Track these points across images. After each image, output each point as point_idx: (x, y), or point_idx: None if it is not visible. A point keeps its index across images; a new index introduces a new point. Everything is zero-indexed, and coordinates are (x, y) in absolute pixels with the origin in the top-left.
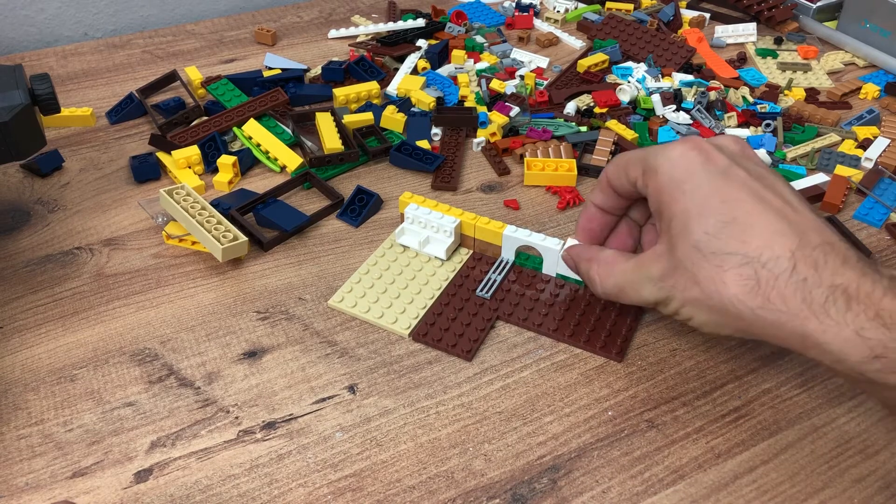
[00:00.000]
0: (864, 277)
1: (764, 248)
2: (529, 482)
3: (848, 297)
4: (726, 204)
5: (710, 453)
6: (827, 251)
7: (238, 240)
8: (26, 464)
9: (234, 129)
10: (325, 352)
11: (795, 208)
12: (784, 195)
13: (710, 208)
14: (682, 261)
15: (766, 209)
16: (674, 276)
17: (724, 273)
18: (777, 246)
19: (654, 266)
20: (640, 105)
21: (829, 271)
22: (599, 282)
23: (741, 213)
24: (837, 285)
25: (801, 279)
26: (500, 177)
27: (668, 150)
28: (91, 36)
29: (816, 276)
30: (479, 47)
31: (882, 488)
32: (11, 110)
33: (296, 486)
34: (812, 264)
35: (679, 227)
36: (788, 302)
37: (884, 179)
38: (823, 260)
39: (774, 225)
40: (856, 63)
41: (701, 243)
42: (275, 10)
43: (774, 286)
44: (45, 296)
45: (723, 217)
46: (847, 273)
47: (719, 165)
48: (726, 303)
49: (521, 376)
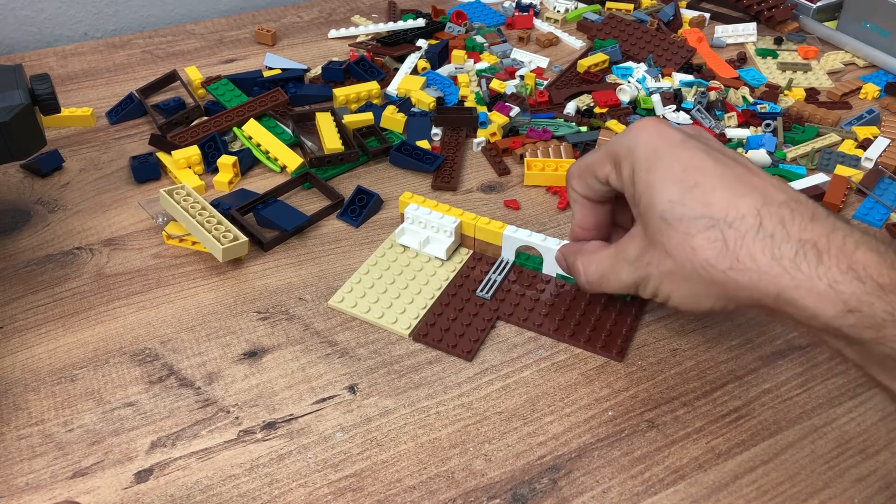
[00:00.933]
0: (834, 232)
1: (729, 209)
2: (530, 482)
3: (819, 251)
4: (687, 171)
5: (710, 453)
6: (793, 207)
7: (238, 240)
8: (27, 464)
9: (234, 129)
10: (325, 352)
11: (756, 173)
12: (744, 162)
13: (671, 177)
14: (654, 235)
15: (728, 173)
16: (648, 252)
17: (692, 239)
18: (742, 205)
19: (630, 246)
20: (640, 105)
21: (797, 227)
22: (583, 271)
23: (702, 178)
24: (807, 240)
25: (768, 235)
26: (500, 177)
27: (627, 136)
28: (91, 36)
29: (784, 232)
30: (479, 47)
31: (882, 488)
32: (11, 110)
33: (296, 486)
34: (779, 220)
35: (646, 201)
36: (758, 260)
37: (884, 179)
38: (790, 216)
39: (737, 187)
40: (856, 63)
41: (667, 212)
42: (275, 10)
43: (742, 245)
44: (46, 296)
45: (685, 183)
46: (816, 228)
47: (677, 137)
48: (698, 268)
49: (522, 376)
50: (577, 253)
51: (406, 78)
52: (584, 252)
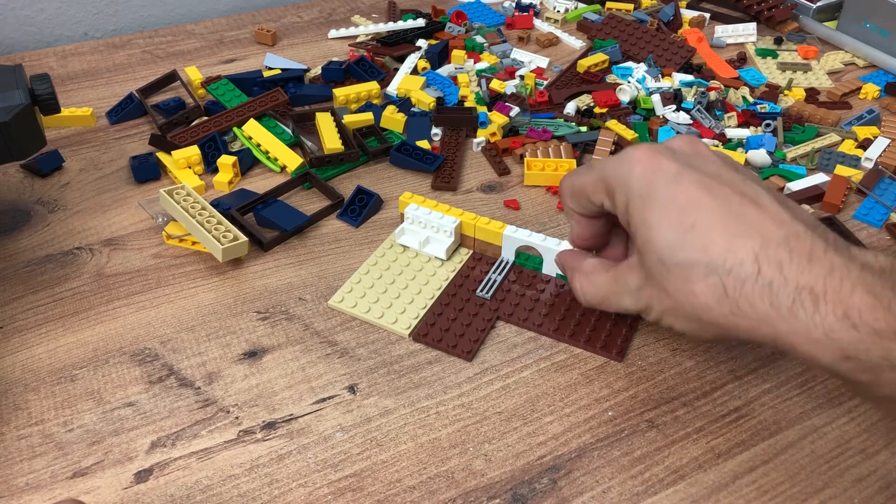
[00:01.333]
0: (831, 274)
1: (727, 254)
2: (530, 482)
3: (815, 297)
4: (684, 211)
5: (710, 453)
6: (792, 246)
7: (238, 240)
8: (27, 464)
9: (234, 129)
10: (325, 352)
11: (755, 201)
12: (741, 188)
13: (668, 218)
14: (651, 273)
15: (724, 211)
16: (648, 286)
17: (692, 284)
18: (740, 249)
19: (630, 277)
20: (640, 105)
21: (794, 270)
22: (581, 291)
23: (699, 219)
24: (803, 286)
25: (766, 283)
26: (500, 177)
27: (621, 164)
28: (91, 36)
29: (782, 278)
30: (479, 47)
31: (882, 488)
32: (11, 110)
33: (296, 486)
34: (776, 265)
35: (642, 239)
36: (756, 307)
37: (884, 179)
38: (788, 258)
39: (734, 226)
40: (856, 63)
41: (664, 256)
42: (275, 10)
43: (742, 292)
44: (46, 296)
45: (681, 226)
46: (814, 270)
47: (671, 170)
48: (699, 311)
49: (522, 376)
50: (575, 270)
51: (406, 78)
52: (581, 271)
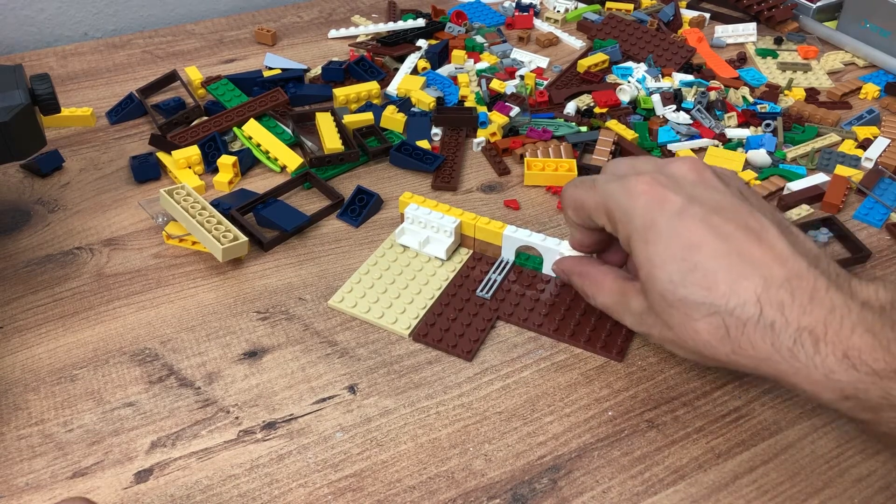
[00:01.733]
0: (832, 314)
1: (730, 295)
2: (530, 482)
3: (815, 338)
4: (687, 250)
5: (710, 453)
6: (794, 286)
7: (238, 240)
8: (27, 464)
9: (234, 129)
10: (325, 352)
11: (759, 236)
12: (746, 222)
13: (671, 256)
14: (653, 306)
15: (728, 250)
16: (650, 316)
17: (694, 322)
18: (742, 291)
19: (633, 301)
20: (641, 105)
21: (796, 311)
22: (591, 296)
23: (703, 258)
24: (804, 327)
25: (768, 324)
26: (500, 177)
27: (624, 195)
28: (91, 36)
29: (783, 319)
30: (479, 47)
31: (882, 488)
32: (11, 110)
33: (296, 486)
34: (778, 306)
35: (645, 274)
36: (758, 348)
37: (884, 179)
38: (790, 299)
39: (738, 266)
40: (856, 63)
41: (667, 292)
42: (275, 10)
43: (744, 333)
44: (46, 296)
45: (685, 264)
46: (815, 311)
47: (675, 205)
48: (700, 347)
49: (522, 376)
50: (584, 276)
51: (406, 78)
52: (588, 277)
